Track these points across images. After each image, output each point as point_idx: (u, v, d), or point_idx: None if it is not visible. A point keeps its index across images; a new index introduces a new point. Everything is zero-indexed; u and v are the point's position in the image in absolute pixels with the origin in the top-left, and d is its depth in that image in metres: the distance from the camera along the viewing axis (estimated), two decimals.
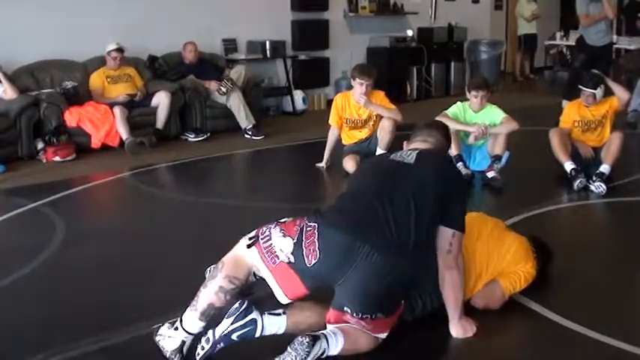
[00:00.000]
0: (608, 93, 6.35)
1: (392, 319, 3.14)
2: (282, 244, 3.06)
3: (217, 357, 2.99)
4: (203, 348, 3.01)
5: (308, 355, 2.89)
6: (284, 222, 3.17)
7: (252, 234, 3.16)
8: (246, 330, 3.00)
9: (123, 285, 4.06)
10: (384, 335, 3.13)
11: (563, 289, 3.85)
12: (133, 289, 4.00)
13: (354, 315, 3.04)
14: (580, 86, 6.42)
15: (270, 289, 3.12)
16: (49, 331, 3.45)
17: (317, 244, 3.00)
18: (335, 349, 3.01)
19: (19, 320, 3.61)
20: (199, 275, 3.81)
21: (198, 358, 3.02)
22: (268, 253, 3.07)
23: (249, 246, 3.12)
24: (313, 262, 2.98)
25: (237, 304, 3.03)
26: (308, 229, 3.06)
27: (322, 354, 2.96)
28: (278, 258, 3.05)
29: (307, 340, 2.91)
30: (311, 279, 3.04)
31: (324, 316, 3.14)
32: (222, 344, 2.99)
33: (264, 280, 3.15)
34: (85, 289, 3.99)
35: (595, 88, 6.23)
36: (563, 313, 3.49)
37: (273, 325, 3.05)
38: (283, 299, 3.11)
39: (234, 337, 2.99)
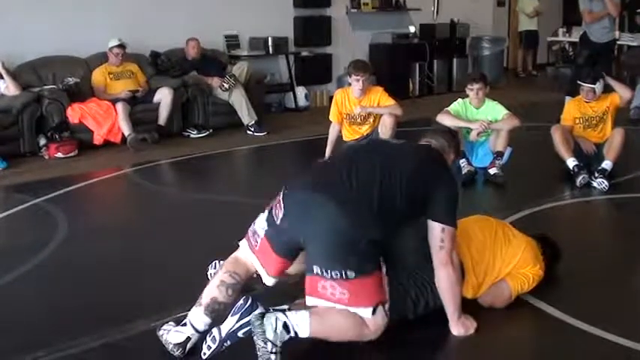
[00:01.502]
0: (609, 90, 6.33)
1: (370, 285, 3.00)
2: (260, 221, 3.20)
3: (220, 356, 2.99)
4: (210, 347, 2.99)
5: (263, 330, 2.87)
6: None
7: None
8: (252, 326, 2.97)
9: (124, 282, 4.06)
10: (367, 312, 2.99)
11: (567, 285, 3.84)
12: (134, 285, 3.99)
13: (324, 274, 2.95)
14: (579, 82, 6.41)
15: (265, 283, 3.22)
16: (50, 328, 3.45)
17: (282, 202, 3.10)
18: (304, 327, 2.94)
19: (20, 317, 3.61)
20: (201, 272, 3.84)
21: (204, 357, 3.01)
22: (252, 235, 3.20)
23: (240, 239, 3.26)
24: (280, 216, 3.06)
25: (241, 301, 3.02)
26: (278, 196, 3.17)
27: (288, 329, 2.92)
28: (259, 236, 3.16)
29: (257, 312, 2.94)
30: (281, 242, 3.09)
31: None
32: (228, 342, 2.98)
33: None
34: (86, 286, 4.00)
35: (594, 83, 6.21)
36: (566, 309, 3.48)
37: None
38: (267, 279, 3.18)
39: (240, 334, 2.98)
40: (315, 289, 3.01)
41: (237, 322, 2.98)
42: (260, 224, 3.18)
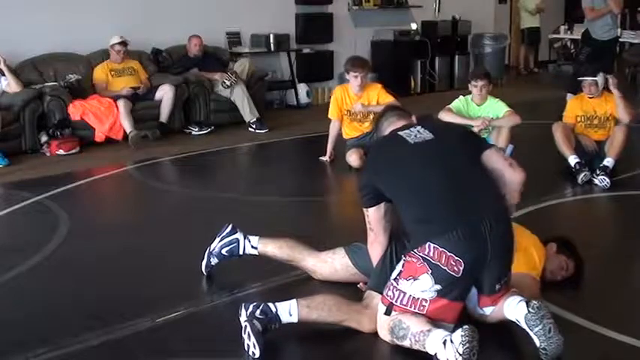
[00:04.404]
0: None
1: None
2: (419, 286, 3.00)
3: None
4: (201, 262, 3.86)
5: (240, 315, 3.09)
6: (399, 273, 3.08)
7: (383, 306, 3.12)
8: (231, 246, 3.79)
9: (125, 279, 4.06)
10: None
11: (567, 283, 3.84)
12: (136, 283, 4.00)
13: (503, 284, 3.12)
14: (580, 78, 6.40)
15: None
16: (51, 325, 3.45)
17: (452, 255, 2.94)
18: (284, 311, 3.08)
19: (21, 314, 3.61)
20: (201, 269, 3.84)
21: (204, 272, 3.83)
22: (412, 305, 3.02)
23: (387, 313, 3.09)
24: (460, 268, 2.95)
25: (228, 228, 3.85)
26: (432, 254, 2.97)
27: (263, 312, 3.04)
28: (425, 300, 3.00)
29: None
30: (464, 286, 3.06)
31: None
32: (215, 259, 3.81)
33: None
34: (87, 283, 4.00)
35: (594, 75, 6.20)
36: (567, 307, 3.48)
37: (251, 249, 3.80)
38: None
39: (224, 251, 3.80)
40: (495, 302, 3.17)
41: (219, 242, 3.82)
42: (422, 288, 2.99)
